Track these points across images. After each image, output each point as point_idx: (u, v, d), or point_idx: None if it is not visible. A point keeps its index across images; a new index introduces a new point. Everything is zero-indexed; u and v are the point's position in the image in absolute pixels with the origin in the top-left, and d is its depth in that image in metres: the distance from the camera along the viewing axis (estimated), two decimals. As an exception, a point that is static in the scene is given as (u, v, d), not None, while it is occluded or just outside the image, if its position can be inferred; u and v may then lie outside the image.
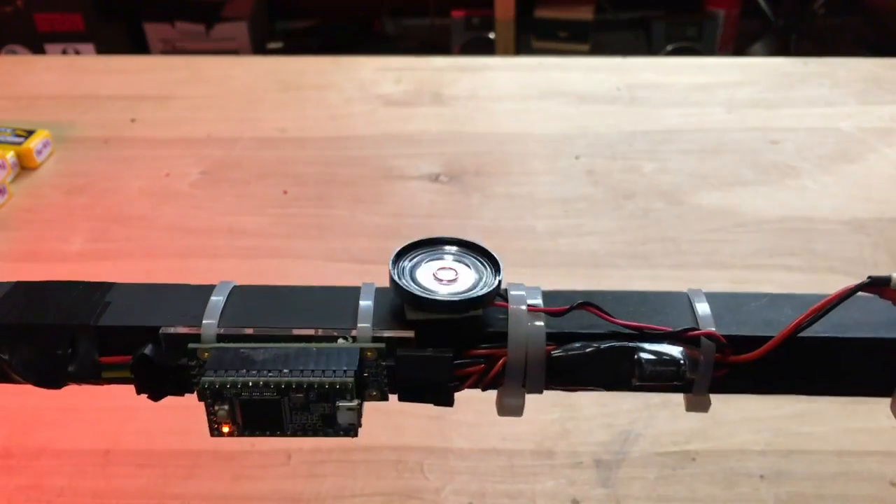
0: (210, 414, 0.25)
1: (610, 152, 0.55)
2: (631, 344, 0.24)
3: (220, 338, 0.25)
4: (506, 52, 1.31)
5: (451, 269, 0.26)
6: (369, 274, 0.46)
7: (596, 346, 0.24)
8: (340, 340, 0.25)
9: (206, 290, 0.26)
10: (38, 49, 1.33)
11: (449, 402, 0.26)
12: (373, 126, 0.58)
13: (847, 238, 0.47)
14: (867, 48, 1.30)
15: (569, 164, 0.54)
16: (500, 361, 0.25)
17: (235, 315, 0.25)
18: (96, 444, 0.37)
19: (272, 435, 0.25)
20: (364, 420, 0.38)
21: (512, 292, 0.25)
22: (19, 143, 0.54)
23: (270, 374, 0.24)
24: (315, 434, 0.25)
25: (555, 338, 0.25)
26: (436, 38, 1.43)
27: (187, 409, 0.38)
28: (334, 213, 0.50)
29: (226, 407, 0.24)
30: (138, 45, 1.37)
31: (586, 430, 0.37)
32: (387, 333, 0.25)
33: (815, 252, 0.46)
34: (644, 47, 1.37)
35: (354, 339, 0.25)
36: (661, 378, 0.24)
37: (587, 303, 0.24)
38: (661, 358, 0.24)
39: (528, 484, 0.35)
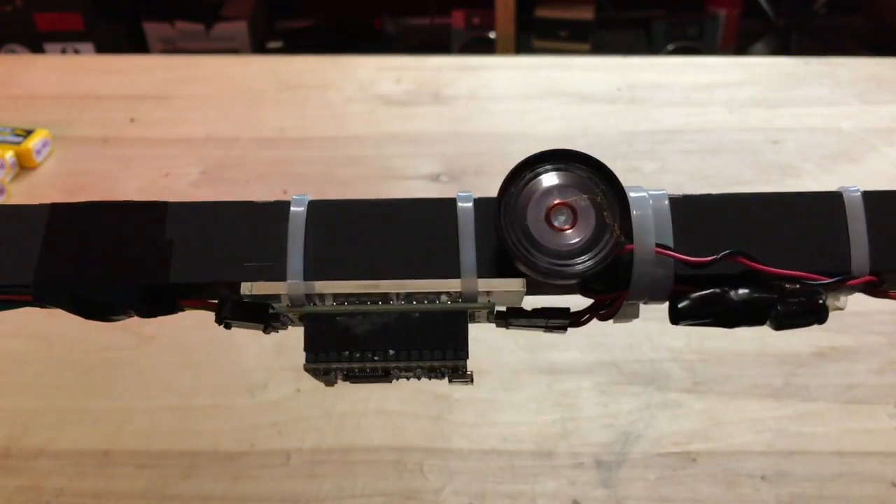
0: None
1: (610, 152, 0.55)
2: (770, 295, 0.22)
3: (309, 298, 0.22)
4: (506, 51, 1.30)
5: (566, 206, 0.23)
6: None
7: (727, 303, 0.22)
8: (443, 297, 0.22)
9: (280, 214, 0.23)
10: (37, 48, 1.32)
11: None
12: (373, 126, 0.58)
13: (848, 238, 0.47)
14: (868, 48, 1.30)
15: (569, 163, 0.54)
16: (619, 301, 0.23)
17: (323, 263, 0.22)
18: (96, 444, 0.37)
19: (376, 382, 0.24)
20: (364, 420, 0.38)
21: (635, 212, 0.23)
22: (18, 143, 0.54)
23: (376, 359, 0.22)
24: (420, 378, 0.24)
25: (684, 280, 0.22)
26: (436, 38, 1.43)
27: (187, 410, 0.38)
28: (334, 212, 0.50)
29: (333, 377, 0.23)
30: (138, 45, 1.36)
31: (587, 431, 0.37)
32: (496, 288, 0.22)
33: (816, 252, 0.46)
34: (645, 47, 1.37)
35: (459, 294, 0.22)
36: (798, 325, 0.22)
37: (739, 252, 0.22)
38: (803, 308, 0.22)
39: (529, 484, 0.35)
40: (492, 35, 1.35)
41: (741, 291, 0.22)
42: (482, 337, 0.41)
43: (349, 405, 0.38)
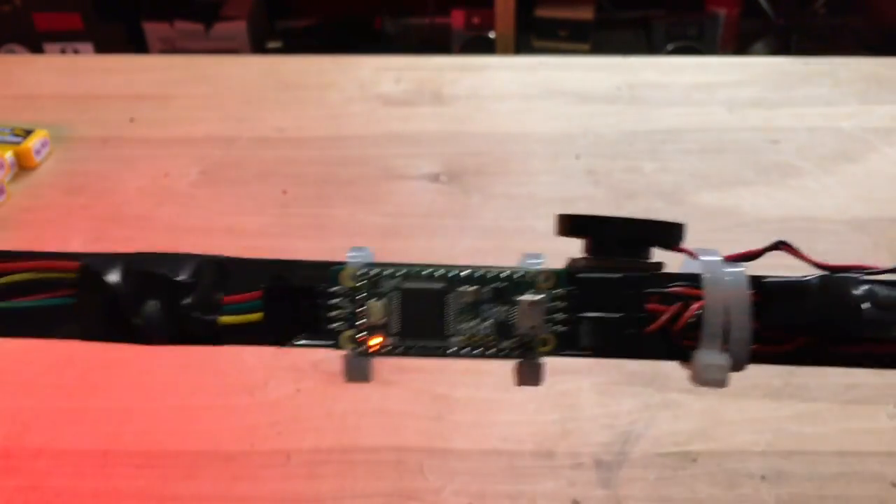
0: (358, 321, 0.21)
1: (610, 152, 0.55)
2: (855, 275, 0.20)
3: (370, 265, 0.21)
4: (506, 51, 1.30)
5: None
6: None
7: (807, 282, 0.20)
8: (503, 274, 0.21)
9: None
10: (36, 48, 1.32)
11: (638, 352, 0.21)
12: (373, 125, 0.58)
13: (848, 238, 0.47)
14: (868, 47, 1.30)
15: (569, 163, 0.54)
16: (696, 304, 0.20)
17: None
18: (95, 444, 0.37)
19: (430, 352, 0.21)
20: (364, 420, 0.38)
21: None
22: (18, 143, 0.54)
23: (441, 272, 0.20)
24: (484, 355, 0.21)
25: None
26: (436, 38, 1.43)
27: (186, 410, 0.38)
28: (334, 212, 0.50)
29: (383, 301, 0.21)
30: (137, 45, 1.36)
31: (587, 431, 0.37)
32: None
33: (817, 252, 0.45)
34: (645, 47, 1.37)
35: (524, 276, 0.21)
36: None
37: (784, 242, 0.21)
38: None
39: (529, 485, 0.35)
40: (491, 35, 1.35)
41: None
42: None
43: (349, 405, 0.38)
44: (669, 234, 0.22)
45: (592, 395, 0.39)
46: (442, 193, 0.51)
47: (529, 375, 0.21)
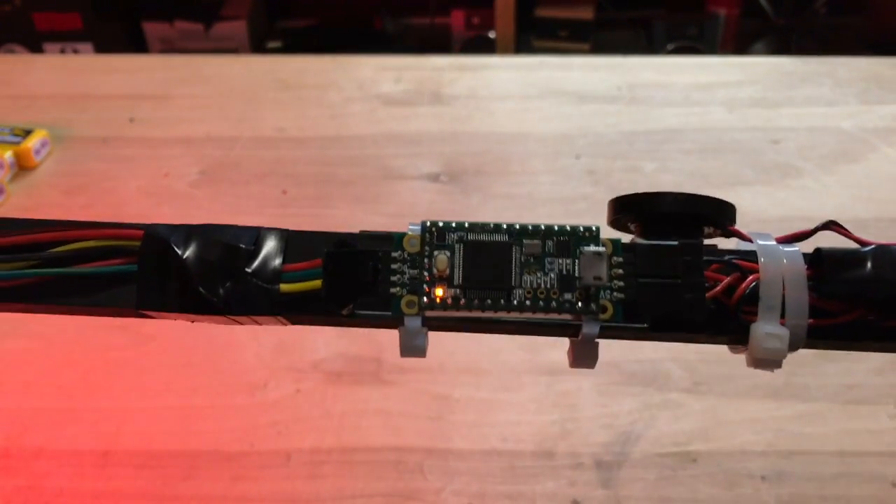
0: (423, 274, 0.20)
1: (610, 152, 0.55)
2: None
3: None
4: (506, 51, 1.30)
5: None
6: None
7: (862, 253, 0.20)
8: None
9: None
10: (36, 48, 1.32)
11: (696, 323, 0.20)
12: (372, 125, 0.58)
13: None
14: (868, 47, 1.30)
15: (569, 163, 0.54)
16: (752, 276, 0.20)
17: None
18: (95, 444, 0.37)
19: (495, 307, 0.20)
20: (364, 420, 0.38)
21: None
22: (17, 143, 0.54)
23: (503, 227, 0.21)
24: (546, 308, 0.20)
25: None
26: (436, 38, 1.43)
27: (186, 410, 0.38)
28: (334, 212, 0.50)
29: (447, 253, 0.20)
30: (137, 45, 1.36)
31: (587, 431, 0.37)
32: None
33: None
34: (645, 46, 1.37)
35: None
36: None
37: (834, 222, 0.21)
38: None
39: (529, 485, 0.35)
40: (491, 35, 1.35)
41: None
42: (482, 337, 0.41)
43: (349, 405, 0.38)
44: (723, 214, 0.22)
45: (592, 395, 0.38)
46: (442, 193, 0.51)
47: (585, 355, 0.21)
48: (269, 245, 0.22)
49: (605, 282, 0.20)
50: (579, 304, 0.20)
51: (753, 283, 0.20)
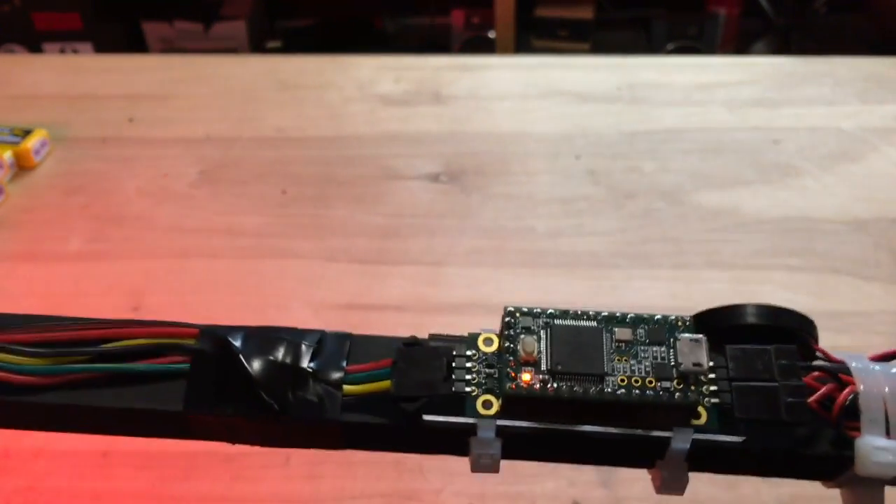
0: (508, 355, 0.19)
1: (610, 152, 0.55)
2: None
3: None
4: (506, 51, 1.30)
5: None
6: (369, 274, 0.46)
7: None
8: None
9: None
10: (35, 48, 1.32)
11: (797, 426, 0.19)
12: (372, 125, 0.58)
13: (849, 238, 0.47)
14: (869, 47, 1.30)
15: (569, 163, 0.54)
16: (849, 388, 0.19)
17: None
18: (94, 445, 0.37)
19: (586, 393, 0.19)
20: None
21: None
22: (17, 143, 0.54)
23: (588, 312, 0.20)
24: (642, 395, 0.19)
25: None
26: (435, 37, 1.43)
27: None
28: (333, 213, 0.50)
29: (533, 337, 0.19)
30: (136, 44, 1.36)
31: (587, 432, 0.37)
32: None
33: (817, 252, 0.46)
34: (645, 46, 1.37)
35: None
36: None
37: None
38: None
39: (529, 485, 0.35)
40: (491, 34, 1.35)
41: None
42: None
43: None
44: (807, 330, 0.21)
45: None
46: (442, 193, 0.51)
47: (673, 484, 0.20)
48: (332, 346, 0.21)
49: (705, 368, 0.19)
50: (678, 392, 0.19)
51: (852, 395, 0.19)
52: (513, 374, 0.19)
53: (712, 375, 0.19)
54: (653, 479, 0.20)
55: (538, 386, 0.19)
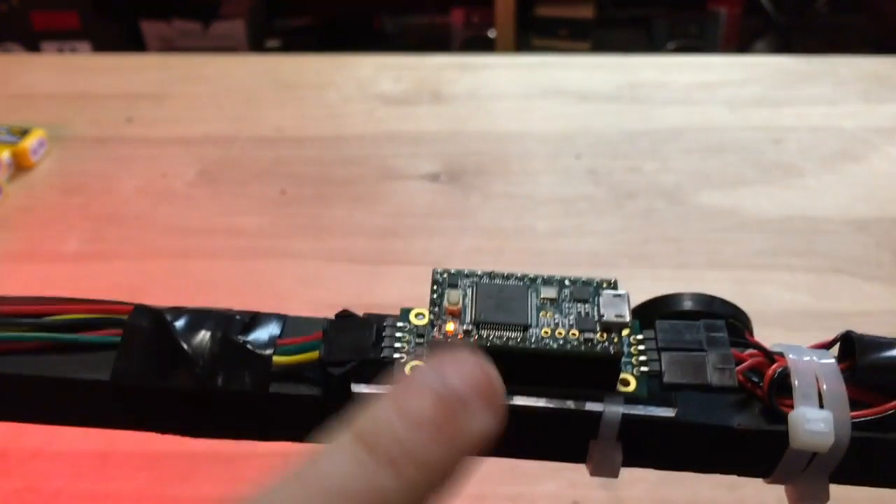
0: (434, 308, 0.19)
1: (611, 151, 0.54)
2: None
3: None
4: (506, 50, 1.30)
5: None
6: (368, 274, 0.46)
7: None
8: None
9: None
10: (33, 47, 1.32)
11: (724, 413, 0.20)
12: (372, 125, 0.58)
13: (850, 238, 0.47)
14: (870, 46, 1.30)
15: (569, 163, 0.53)
16: (779, 362, 0.19)
17: None
18: (93, 446, 0.36)
19: (509, 342, 0.19)
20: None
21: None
22: (14, 143, 0.54)
23: (515, 273, 0.20)
24: (565, 349, 0.19)
25: None
26: (435, 36, 1.43)
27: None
28: (333, 212, 0.50)
29: (458, 291, 0.19)
30: (135, 44, 1.36)
31: (587, 432, 0.37)
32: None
33: (818, 252, 0.46)
34: (645, 45, 1.37)
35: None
36: None
37: (851, 332, 0.20)
38: None
39: (529, 486, 0.35)
40: (491, 34, 1.34)
41: None
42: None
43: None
44: (739, 319, 0.21)
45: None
46: (441, 193, 0.51)
47: (605, 463, 0.20)
48: (266, 323, 0.21)
49: (627, 320, 0.19)
50: (602, 344, 0.19)
51: (782, 368, 0.19)
52: (437, 325, 0.19)
53: (641, 347, 0.20)
54: (587, 462, 0.20)
55: (461, 335, 0.19)
